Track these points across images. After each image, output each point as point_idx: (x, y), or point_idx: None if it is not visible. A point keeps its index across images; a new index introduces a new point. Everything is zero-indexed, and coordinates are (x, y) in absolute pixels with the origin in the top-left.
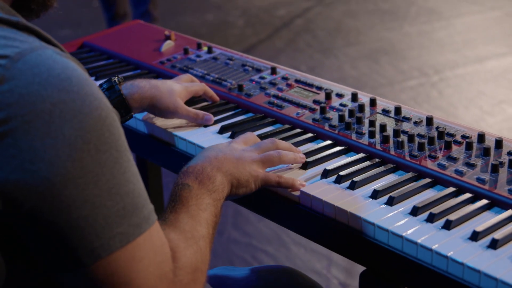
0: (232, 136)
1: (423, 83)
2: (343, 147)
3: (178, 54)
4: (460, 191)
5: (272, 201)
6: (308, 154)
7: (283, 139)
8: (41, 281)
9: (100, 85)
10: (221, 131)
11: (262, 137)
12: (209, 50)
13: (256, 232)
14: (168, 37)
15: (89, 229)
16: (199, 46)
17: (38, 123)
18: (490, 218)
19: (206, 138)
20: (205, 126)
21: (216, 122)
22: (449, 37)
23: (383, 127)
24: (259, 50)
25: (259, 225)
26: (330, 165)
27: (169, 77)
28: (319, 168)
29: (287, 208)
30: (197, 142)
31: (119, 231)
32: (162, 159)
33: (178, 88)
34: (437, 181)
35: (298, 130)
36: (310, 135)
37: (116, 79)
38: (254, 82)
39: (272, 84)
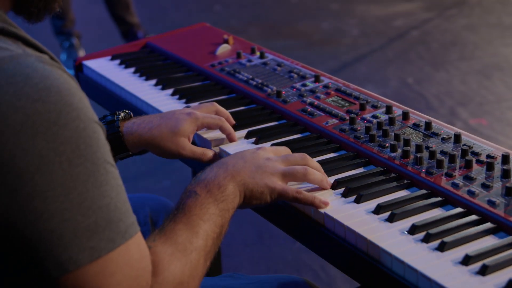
0: (256, 142)
1: None
2: (362, 160)
3: (231, 58)
4: (468, 212)
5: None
6: (324, 163)
7: (306, 147)
8: None
9: (104, 116)
10: (248, 136)
11: (284, 143)
12: (261, 55)
13: None
14: (226, 41)
15: (56, 242)
16: (252, 51)
17: (8, 133)
18: (491, 243)
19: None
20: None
21: (246, 126)
22: None
23: (406, 142)
24: (368, 60)
25: None
26: (342, 176)
27: (217, 80)
28: (331, 180)
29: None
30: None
31: (89, 246)
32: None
33: (184, 126)
34: (448, 200)
35: (324, 140)
36: (333, 145)
37: (122, 114)
38: (294, 89)
39: (312, 92)
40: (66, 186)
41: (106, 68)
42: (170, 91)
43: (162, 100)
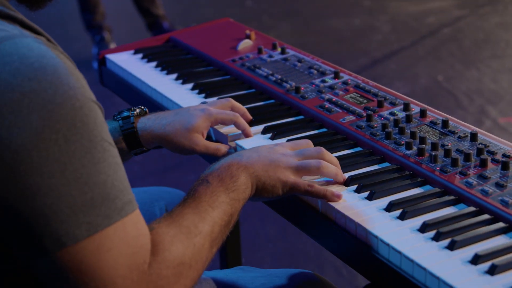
0: (273, 137)
1: None
2: (377, 157)
3: (252, 53)
4: (481, 211)
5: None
6: (339, 160)
7: (322, 143)
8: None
9: (120, 112)
10: (264, 131)
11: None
12: (283, 51)
13: None
14: (248, 36)
15: (54, 217)
16: (274, 47)
17: (5, 112)
18: (502, 243)
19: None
20: (250, 125)
21: (263, 122)
22: None
23: (422, 139)
24: (399, 57)
25: None
26: (355, 173)
27: (237, 75)
28: (345, 175)
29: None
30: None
31: (85, 221)
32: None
33: (197, 122)
34: (461, 199)
35: (340, 136)
36: (349, 141)
37: (138, 110)
38: (313, 85)
39: (331, 88)
40: (62, 162)
41: (128, 62)
42: (190, 85)
43: (181, 94)
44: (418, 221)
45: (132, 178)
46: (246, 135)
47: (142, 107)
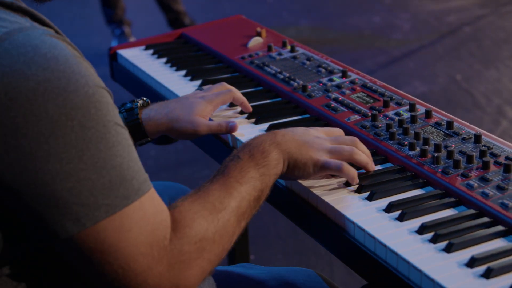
0: None
1: None
2: (380, 157)
3: (261, 51)
4: (480, 214)
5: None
6: None
7: None
8: (34, 253)
9: (123, 104)
10: (269, 130)
11: None
12: (292, 49)
13: None
14: (258, 34)
15: (74, 199)
16: (284, 45)
17: (21, 100)
18: (500, 246)
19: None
20: (256, 123)
21: (269, 120)
22: None
23: (425, 140)
24: (417, 56)
25: None
26: (357, 172)
27: (246, 72)
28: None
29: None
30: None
31: (105, 203)
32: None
33: (199, 106)
34: (461, 201)
35: None
36: None
37: (141, 102)
38: (321, 84)
39: (338, 87)
40: (79, 148)
41: (138, 57)
42: (198, 82)
43: (189, 91)
44: (417, 222)
45: (146, 172)
46: (245, 108)
47: (145, 98)
